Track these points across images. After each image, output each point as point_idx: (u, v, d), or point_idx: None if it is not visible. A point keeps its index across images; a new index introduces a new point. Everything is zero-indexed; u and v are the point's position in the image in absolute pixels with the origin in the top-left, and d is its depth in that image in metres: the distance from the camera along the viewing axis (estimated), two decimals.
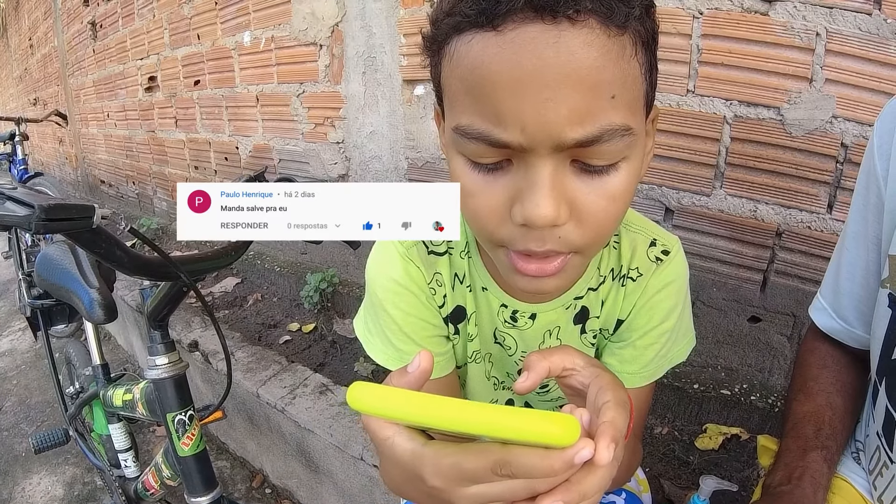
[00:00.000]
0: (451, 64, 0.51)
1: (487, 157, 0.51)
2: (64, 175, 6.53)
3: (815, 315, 0.90)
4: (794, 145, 1.35)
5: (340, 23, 2.20)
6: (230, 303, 2.87)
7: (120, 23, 3.86)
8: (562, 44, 0.44)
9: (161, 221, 4.03)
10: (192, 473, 1.06)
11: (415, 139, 2.11)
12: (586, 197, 0.50)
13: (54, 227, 0.65)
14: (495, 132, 0.48)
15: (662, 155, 1.52)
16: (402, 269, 0.74)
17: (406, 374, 0.45)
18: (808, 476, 0.74)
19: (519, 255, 0.54)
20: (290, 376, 1.90)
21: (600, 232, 0.53)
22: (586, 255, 0.56)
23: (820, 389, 0.84)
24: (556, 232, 0.51)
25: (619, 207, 0.53)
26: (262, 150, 2.84)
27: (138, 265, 0.84)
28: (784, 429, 0.84)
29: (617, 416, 0.42)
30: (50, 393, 2.65)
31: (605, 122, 0.47)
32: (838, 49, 1.26)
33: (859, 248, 0.79)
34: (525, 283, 0.57)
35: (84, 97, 4.96)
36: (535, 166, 0.48)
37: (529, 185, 0.49)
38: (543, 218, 0.48)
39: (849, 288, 0.82)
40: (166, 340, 1.06)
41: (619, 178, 0.51)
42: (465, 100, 0.50)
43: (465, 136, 0.50)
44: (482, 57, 0.46)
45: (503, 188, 0.51)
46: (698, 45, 1.40)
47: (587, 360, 0.51)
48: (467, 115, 0.50)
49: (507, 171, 0.51)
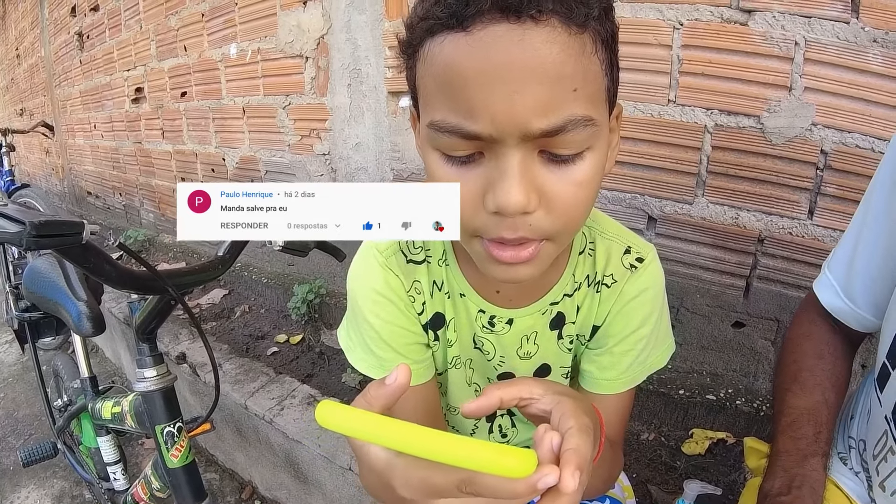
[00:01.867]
0: (425, 64, 0.53)
1: (460, 150, 0.53)
2: (50, 186, 6.48)
3: (821, 291, 0.85)
4: (775, 153, 1.37)
5: (326, 35, 2.21)
6: (218, 314, 2.86)
7: (107, 34, 3.86)
8: (526, 41, 0.47)
9: (148, 233, 4.00)
10: (182, 485, 1.06)
11: (400, 150, 2.12)
12: (554, 185, 0.53)
13: (44, 244, 0.66)
14: (467, 125, 0.50)
15: (644, 164, 1.54)
16: (382, 279, 0.76)
17: (384, 385, 0.46)
18: (808, 486, 0.74)
19: (493, 243, 0.56)
20: (278, 388, 1.90)
21: (570, 218, 0.56)
22: (558, 243, 0.58)
23: (816, 383, 0.82)
24: (527, 219, 0.53)
25: (586, 194, 0.55)
26: (249, 162, 2.84)
27: (126, 279, 0.85)
28: (778, 423, 0.82)
29: (581, 442, 0.43)
30: (37, 406, 2.62)
31: (568, 112, 0.49)
32: (817, 57, 1.28)
33: (881, 226, 0.75)
34: (500, 272, 0.59)
35: (71, 108, 4.93)
36: (504, 156, 0.51)
37: (500, 175, 0.51)
38: (514, 204, 0.51)
39: (864, 268, 0.78)
40: (154, 353, 1.06)
41: (585, 167, 0.53)
42: (438, 97, 0.53)
43: (439, 131, 0.53)
44: (453, 55, 0.49)
45: (476, 179, 0.54)
46: (679, 55, 1.42)
47: (547, 388, 0.52)
48: (441, 111, 0.52)
49: (480, 164, 0.54)
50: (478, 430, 0.95)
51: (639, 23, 1.44)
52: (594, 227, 0.78)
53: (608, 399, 0.79)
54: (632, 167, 1.56)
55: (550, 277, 0.77)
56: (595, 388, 0.79)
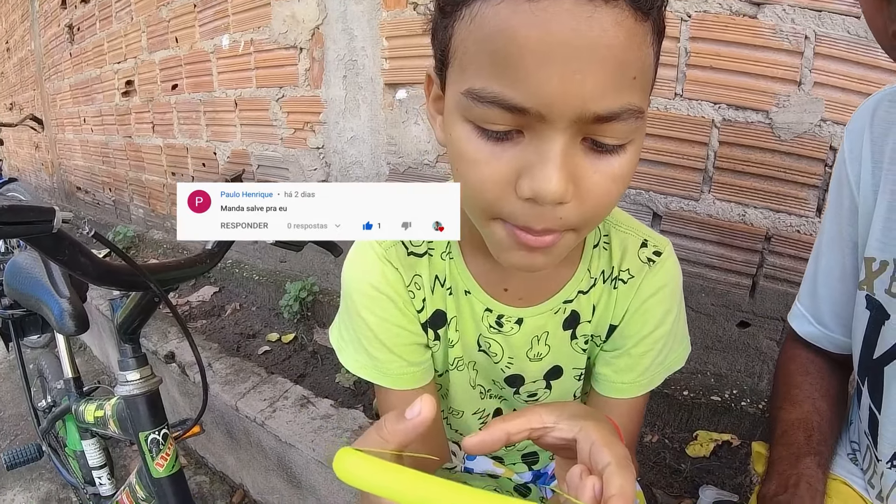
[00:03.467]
0: (470, 25, 0.49)
1: (499, 124, 0.49)
2: (40, 181, 6.43)
3: (794, 322, 0.90)
4: (783, 149, 1.34)
5: (321, 26, 2.16)
6: (208, 312, 2.81)
7: (97, 26, 3.80)
8: (595, 19, 0.44)
9: (138, 229, 3.96)
10: (168, 496, 1.00)
11: (396, 144, 2.08)
12: (591, 176, 0.50)
13: (9, 231, 0.60)
14: (515, 97, 0.46)
15: (650, 159, 1.50)
16: (380, 273, 0.72)
17: (402, 419, 0.42)
18: (804, 483, 0.73)
19: (517, 226, 0.53)
20: (270, 388, 1.85)
21: (598, 212, 0.53)
22: (580, 234, 0.56)
23: (805, 396, 0.83)
24: (557, 211, 0.50)
25: (619, 189, 0.52)
26: (241, 156, 2.79)
27: (104, 273, 0.78)
28: (773, 437, 0.83)
29: (625, 482, 0.40)
30: (23, 406, 2.57)
31: (626, 100, 0.47)
32: (826, 52, 1.25)
33: (835, 252, 0.80)
34: (518, 259, 0.56)
35: (61, 102, 4.89)
36: (548, 139, 0.47)
37: (542, 159, 0.48)
38: (553, 193, 0.48)
39: (826, 293, 0.83)
40: (138, 354, 1.00)
41: (624, 160, 0.51)
42: (483, 62, 0.48)
43: (478, 100, 0.48)
44: (512, 21, 0.45)
45: (511, 159, 0.50)
46: (686, 48, 1.38)
47: (561, 413, 0.48)
48: (483, 79, 0.48)
49: (517, 143, 0.50)
50: None
51: None
52: (608, 219, 0.75)
53: (624, 404, 0.76)
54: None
55: (563, 273, 0.73)
56: (611, 393, 0.76)
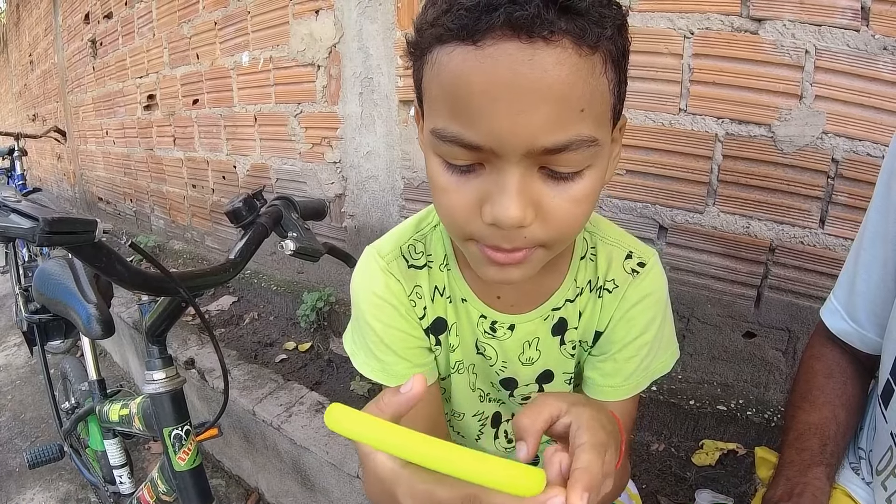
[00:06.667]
0: (432, 70, 0.53)
1: (461, 160, 0.54)
2: (62, 191, 6.53)
3: (827, 317, 0.88)
4: (786, 161, 1.36)
5: (338, 44, 2.22)
6: (227, 321, 2.86)
7: (120, 41, 3.89)
8: (536, 61, 0.47)
9: (158, 239, 4.02)
10: (188, 488, 1.06)
11: (411, 159, 2.12)
12: (552, 200, 0.54)
13: (57, 241, 0.66)
14: (469, 136, 0.51)
15: (655, 173, 1.54)
16: (383, 283, 0.77)
17: (397, 394, 0.46)
18: (809, 493, 0.74)
19: (487, 246, 0.57)
20: (287, 394, 1.90)
21: (563, 231, 0.56)
22: (551, 250, 0.59)
23: (826, 401, 0.83)
24: (521, 232, 0.54)
25: (583, 209, 0.56)
26: (260, 170, 2.85)
27: (138, 280, 0.84)
28: (786, 437, 0.83)
29: (592, 460, 0.42)
30: (44, 408, 2.63)
31: (574, 132, 0.50)
32: (827, 66, 1.27)
33: (877, 248, 0.78)
34: (493, 272, 0.60)
35: (83, 114, 4.98)
36: (504, 171, 0.51)
37: (499, 189, 0.52)
38: (511, 219, 0.51)
39: (865, 289, 0.81)
40: (164, 355, 1.06)
41: (584, 184, 0.54)
42: (443, 105, 0.52)
43: (440, 139, 0.53)
44: (462, 67, 0.49)
45: (474, 189, 0.54)
46: (689, 64, 1.42)
47: (571, 402, 0.51)
48: (444, 119, 0.52)
49: (479, 174, 0.54)
50: (483, 436, 0.94)
51: (650, 32, 1.44)
52: (595, 232, 0.78)
53: (612, 406, 0.78)
54: (643, 176, 1.56)
55: (552, 283, 0.77)
56: (598, 395, 0.79)
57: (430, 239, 0.80)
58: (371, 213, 2.37)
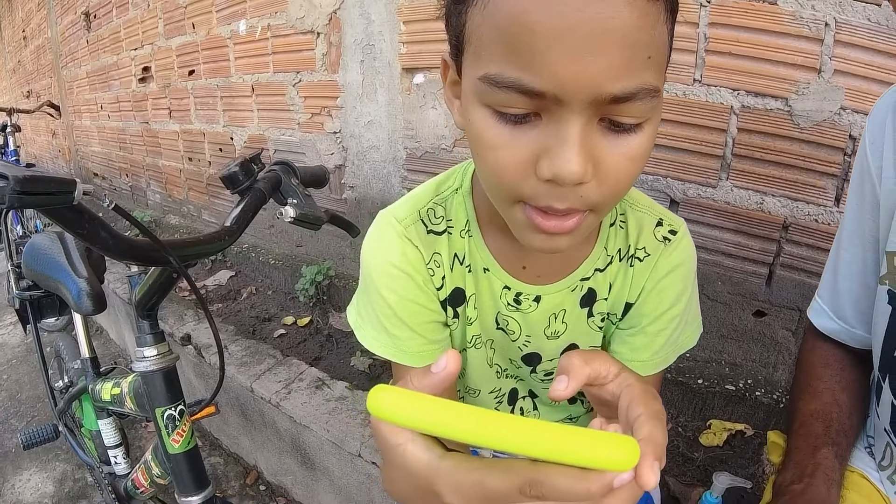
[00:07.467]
0: (484, 11, 0.48)
1: (516, 108, 0.49)
2: (57, 168, 6.49)
3: (814, 317, 0.89)
4: (802, 137, 1.32)
5: (338, 10, 2.16)
6: (224, 296, 2.83)
7: (114, 13, 3.81)
8: (607, 1, 0.43)
9: (154, 214, 3.99)
10: (183, 472, 1.01)
11: (414, 129, 2.07)
12: (610, 156, 0.50)
13: (30, 202, 0.60)
14: (531, 81, 0.46)
15: (668, 145, 1.49)
16: (400, 251, 0.72)
17: (429, 374, 0.40)
18: (821, 472, 0.73)
19: (538, 211, 0.53)
20: (285, 371, 1.87)
21: (617, 191, 0.53)
22: (600, 214, 0.56)
23: (825, 388, 0.83)
24: (578, 190, 0.50)
25: (637, 167, 0.52)
26: (258, 141, 2.80)
27: (124, 247, 0.78)
28: (790, 429, 0.83)
29: (654, 429, 0.39)
30: (40, 388, 2.61)
31: (642, 80, 0.46)
32: (847, 40, 1.23)
33: (856, 246, 0.80)
34: (540, 241, 0.56)
35: (77, 89, 4.91)
36: (566, 121, 0.47)
37: (560, 141, 0.48)
38: (573, 174, 0.48)
39: (847, 287, 0.82)
40: (155, 331, 1.00)
41: (642, 139, 0.51)
42: (498, 48, 0.48)
43: (494, 85, 0.48)
44: (524, 6, 0.45)
45: (530, 142, 0.50)
46: (705, 33, 1.37)
47: (620, 367, 0.47)
48: (498, 64, 0.48)
49: (535, 125, 0.49)
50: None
51: None
52: (624, 198, 0.75)
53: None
54: (655, 148, 1.50)
55: (581, 251, 0.74)
56: None
57: (451, 203, 0.75)
58: (372, 184, 2.32)
